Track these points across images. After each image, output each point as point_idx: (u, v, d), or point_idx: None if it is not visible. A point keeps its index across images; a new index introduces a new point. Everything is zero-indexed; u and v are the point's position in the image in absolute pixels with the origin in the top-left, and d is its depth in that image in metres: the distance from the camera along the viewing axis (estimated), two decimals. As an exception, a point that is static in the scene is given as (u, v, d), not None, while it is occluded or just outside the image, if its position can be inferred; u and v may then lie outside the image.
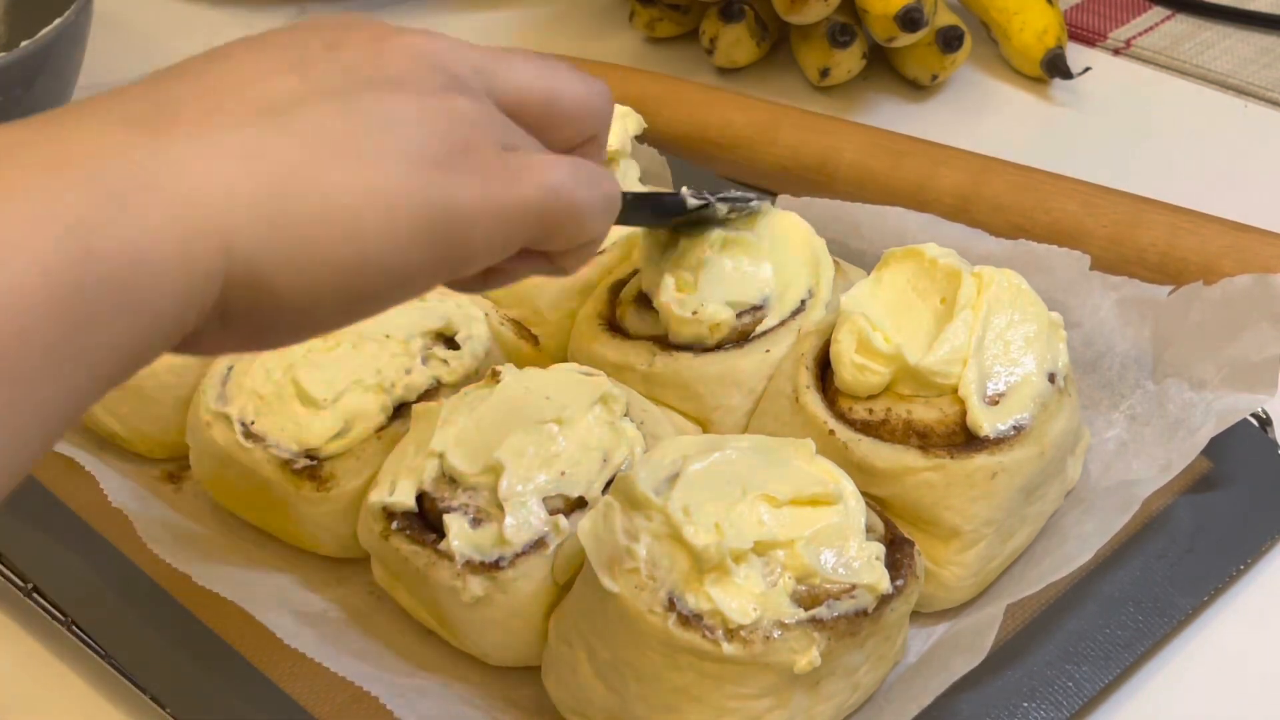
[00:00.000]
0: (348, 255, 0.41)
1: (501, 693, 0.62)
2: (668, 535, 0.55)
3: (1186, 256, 0.78)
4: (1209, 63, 1.01)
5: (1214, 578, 0.64)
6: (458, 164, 0.43)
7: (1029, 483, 0.63)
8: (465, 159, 0.44)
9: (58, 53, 0.86)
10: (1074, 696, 0.60)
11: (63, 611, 0.65)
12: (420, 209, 0.42)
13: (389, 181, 0.42)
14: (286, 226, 0.40)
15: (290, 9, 1.14)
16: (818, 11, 0.94)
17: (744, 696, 0.55)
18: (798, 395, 0.65)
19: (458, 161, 0.44)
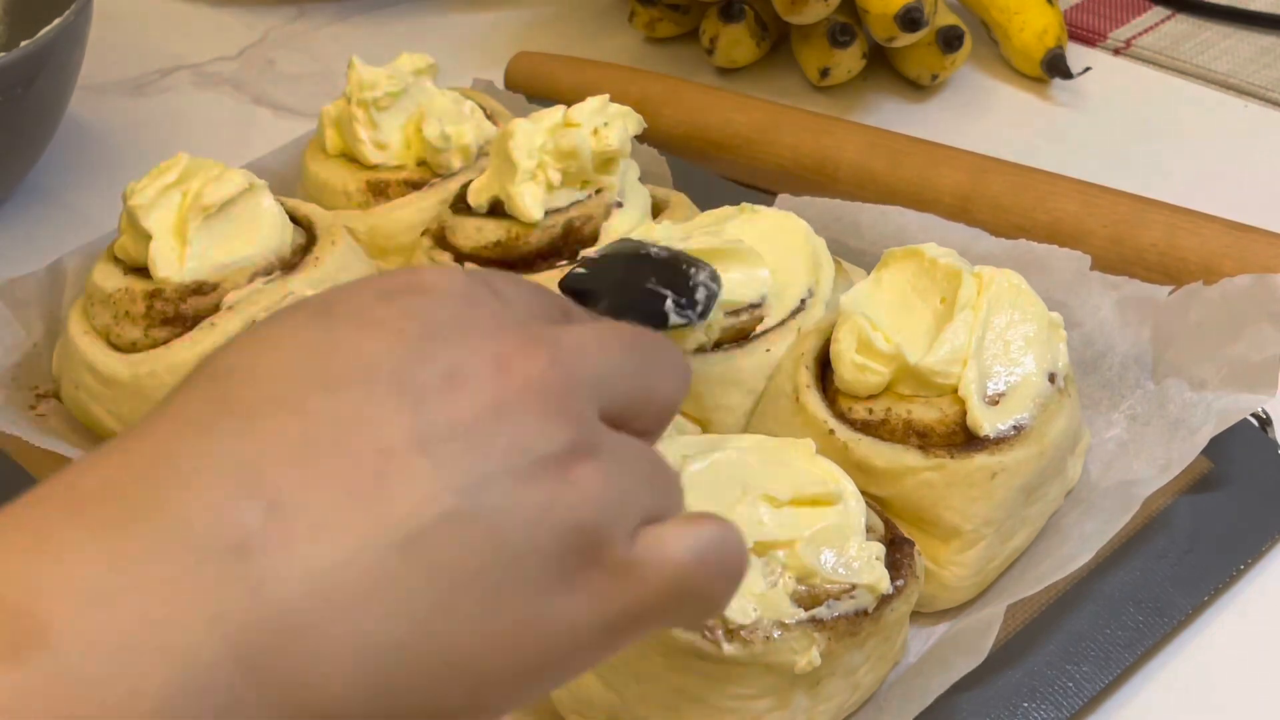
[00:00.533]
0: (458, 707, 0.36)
1: (501, 693, 0.62)
2: (668, 535, 0.55)
3: (1186, 256, 0.78)
4: (1209, 63, 1.01)
5: (1214, 578, 0.64)
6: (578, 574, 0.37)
7: (1029, 483, 0.63)
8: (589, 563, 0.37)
9: (57, 52, 0.86)
10: (1074, 696, 0.60)
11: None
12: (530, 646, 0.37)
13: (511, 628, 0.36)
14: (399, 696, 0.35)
15: (290, 9, 1.14)
16: (818, 11, 0.94)
17: (744, 697, 0.55)
18: (798, 395, 0.65)
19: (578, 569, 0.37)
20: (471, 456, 0.36)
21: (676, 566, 0.39)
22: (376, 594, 0.34)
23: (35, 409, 0.74)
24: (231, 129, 1.01)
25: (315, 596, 0.34)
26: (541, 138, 0.74)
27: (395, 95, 0.81)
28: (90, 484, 0.35)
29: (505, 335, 0.39)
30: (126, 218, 0.73)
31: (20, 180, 0.93)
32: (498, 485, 0.36)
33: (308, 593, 0.34)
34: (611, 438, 0.40)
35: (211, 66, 1.08)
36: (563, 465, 0.37)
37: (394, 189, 0.80)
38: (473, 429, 0.37)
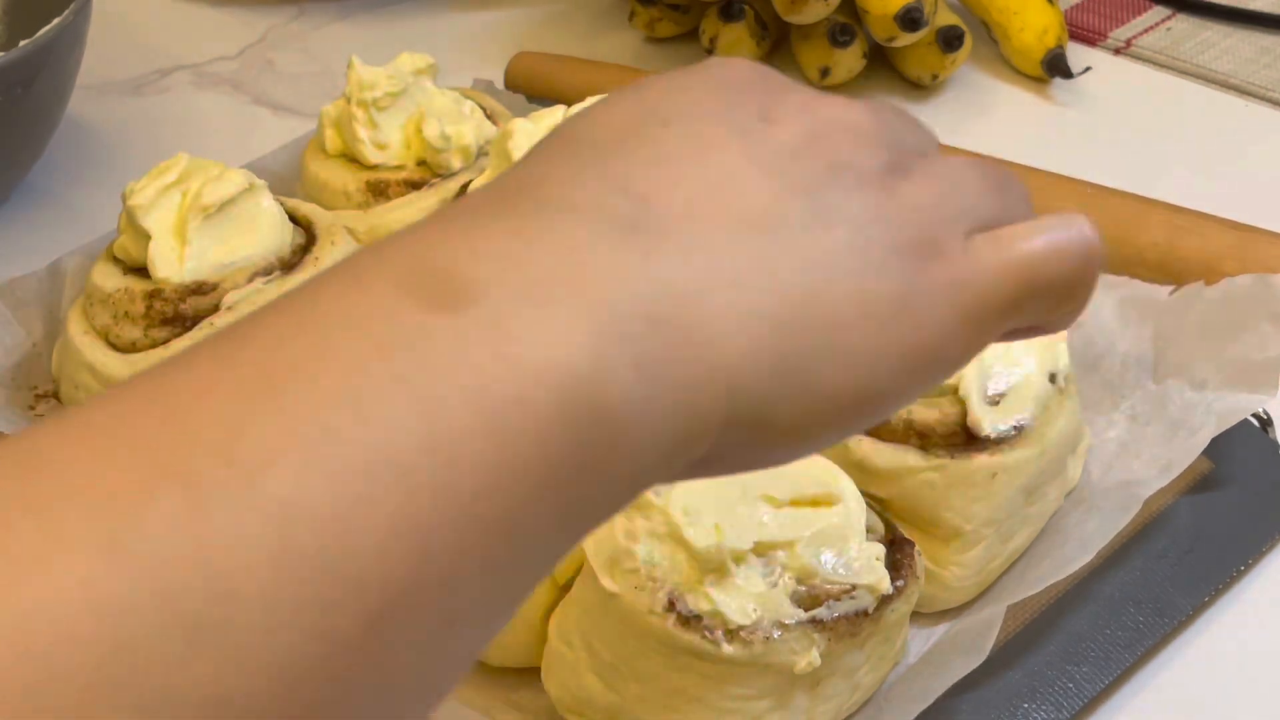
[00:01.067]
0: (848, 386, 0.37)
1: (501, 693, 0.62)
2: (668, 536, 0.55)
3: (1187, 256, 0.78)
4: (1210, 62, 1.01)
5: (1215, 578, 0.64)
6: (927, 266, 0.39)
7: (1029, 483, 0.63)
8: (933, 258, 0.39)
9: (57, 52, 0.86)
10: (1074, 697, 0.60)
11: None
12: (907, 326, 0.38)
13: (877, 299, 0.37)
14: (791, 358, 0.36)
15: (289, 9, 1.14)
16: (818, 11, 0.94)
17: (744, 697, 0.55)
18: (798, 395, 0.65)
19: (927, 263, 0.39)
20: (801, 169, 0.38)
21: (1025, 254, 0.41)
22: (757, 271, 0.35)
23: (34, 409, 0.74)
24: (231, 129, 1.01)
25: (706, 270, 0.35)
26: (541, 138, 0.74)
27: (395, 95, 0.81)
28: (475, 200, 0.36)
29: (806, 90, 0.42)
30: (126, 218, 0.73)
31: (20, 180, 0.93)
32: (831, 192, 0.38)
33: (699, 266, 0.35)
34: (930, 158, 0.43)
35: (211, 66, 1.08)
36: (895, 180, 0.40)
37: (394, 189, 0.80)
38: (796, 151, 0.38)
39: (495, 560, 0.31)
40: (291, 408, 0.29)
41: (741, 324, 0.35)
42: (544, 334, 0.32)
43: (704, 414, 0.34)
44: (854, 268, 0.37)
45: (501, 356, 0.31)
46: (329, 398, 0.30)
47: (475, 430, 0.30)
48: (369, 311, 0.31)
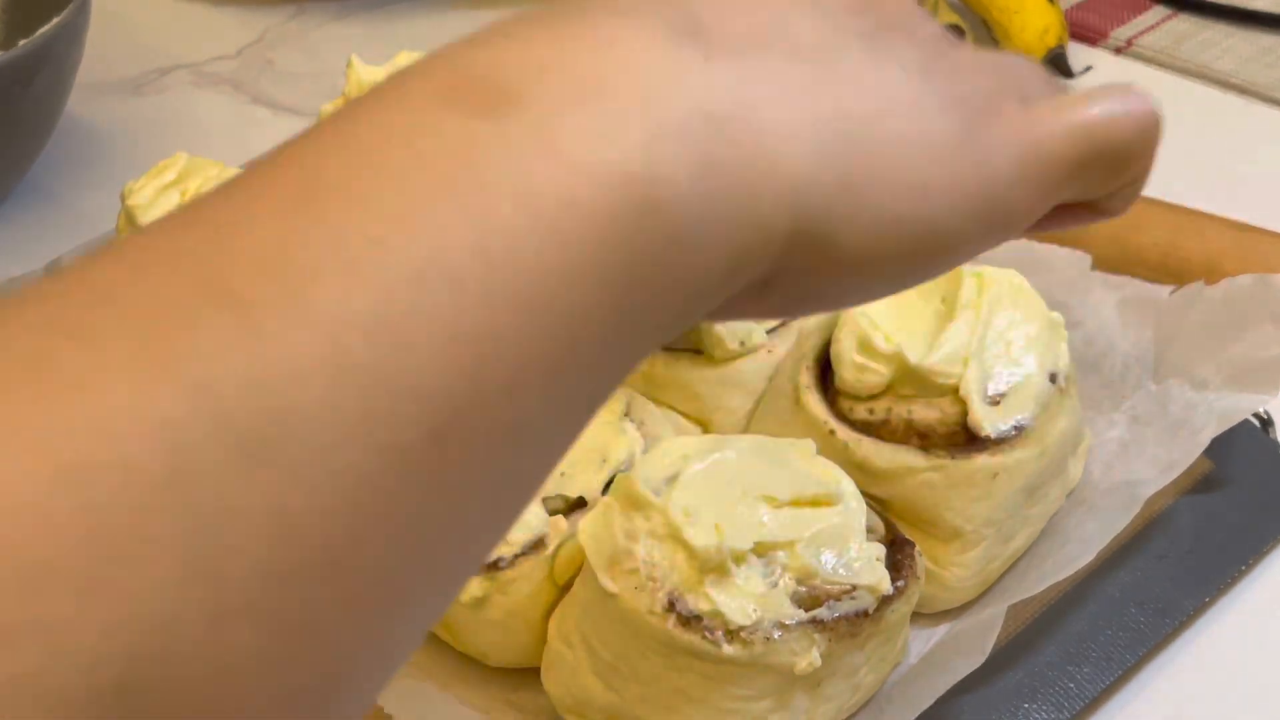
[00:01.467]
0: (912, 214, 0.36)
1: (501, 694, 0.62)
2: (667, 536, 0.55)
3: (1188, 256, 0.78)
4: (1211, 62, 1.01)
5: (1216, 578, 0.64)
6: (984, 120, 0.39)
7: (1030, 483, 0.63)
8: (990, 114, 0.39)
9: (56, 52, 0.85)
10: (1075, 698, 0.60)
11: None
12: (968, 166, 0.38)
13: (939, 135, 0.37)
14: (855, 178, 0.35)
15: (288, 8, 1.13)
16: (818, 11, 0.94)
17: (744, 698, 0.55)
18: (798, 395, 0.65)
19: (984, 117, 0.39)
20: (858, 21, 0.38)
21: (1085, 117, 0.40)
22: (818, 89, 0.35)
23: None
24: (230, 128, 1.01)
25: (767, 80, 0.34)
26: None
27: (395, 94, 0.81)
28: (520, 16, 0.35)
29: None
30: (125, 217, 0.73)
31: (19, 180, 0.93)
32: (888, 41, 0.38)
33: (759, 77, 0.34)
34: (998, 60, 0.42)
35: (210, 66, 1.07)
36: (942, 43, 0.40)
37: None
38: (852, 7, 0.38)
39: (556, 368, 0.30)
40: (336, 222, 0.28)
41: (807, 132, 0.34)
42: (593, 133, 0.31)
43: (766, 224, 0.33)
44: (912, 105, 0.37)
45: (549, 158, 0.30)
46: (373, 210, 0.29)
47: (526, 233, 0.29)
48: (411, 123, 0.31)
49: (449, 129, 0.30)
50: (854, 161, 0.35)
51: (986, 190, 0.38)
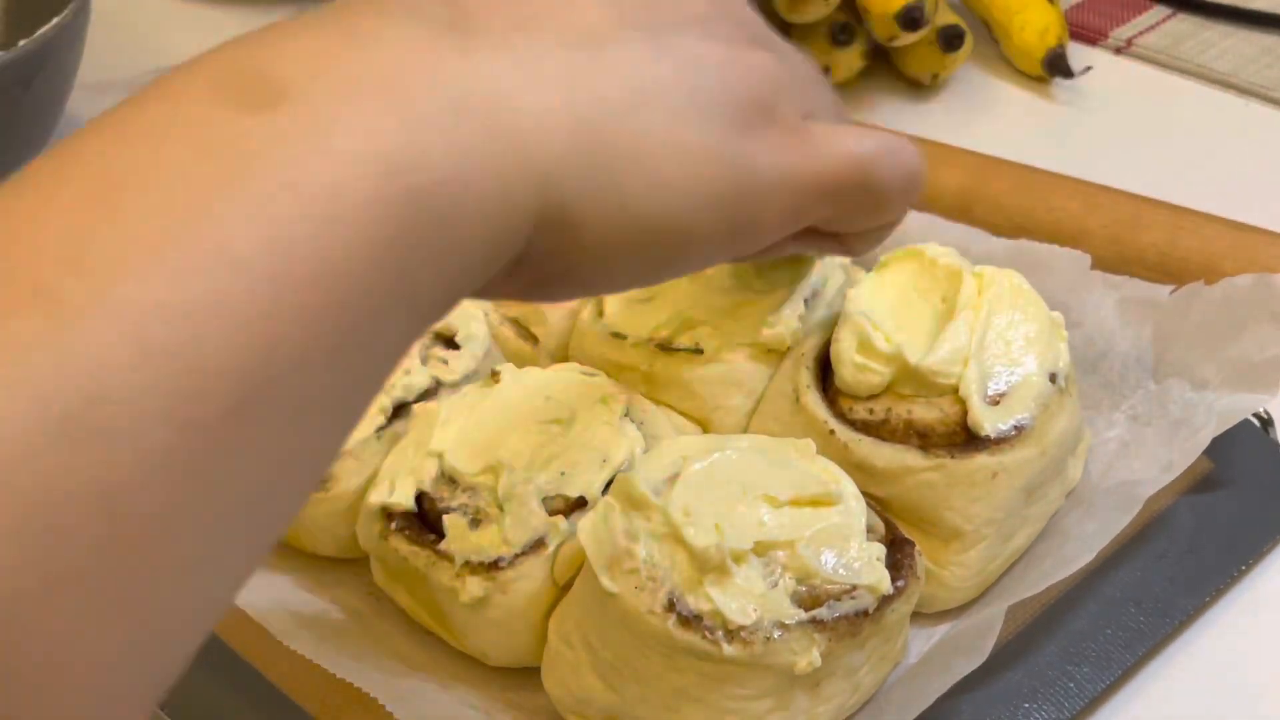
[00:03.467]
0: (652, 208, 0.38)
1: (501, 693, 0.62)
2: (668, 535, 0.55)
3: (1187, 256, 0.78)
4: (1210, 62, 1.01)
5: (1215, 578, 0.64)
6: (758, 126, 0.41)
7: (1030, 483, 0.63)
8: (766, 122, 0.41)
9: (56, 52, 0.85)
10: (1075, 697, 0.60)
11: (61, 612, 0.65)
12: (722, 170, 0.40)
13: (696, 136, 0.39)
14: (601, 167, 0.37)
15: (289, 9, 1.13)
16: (818, 11, 0.94)
17: (744, 697, 0.55)
18: (798, 395, 0.65)
19: (758, 124, 0.41)
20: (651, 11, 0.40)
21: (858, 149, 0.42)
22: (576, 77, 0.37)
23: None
24: (231, 128, 1.01)
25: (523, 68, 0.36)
26: None
27: (395, 95, 0.81)
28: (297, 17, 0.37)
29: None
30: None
31: (19, 180, 0.93)
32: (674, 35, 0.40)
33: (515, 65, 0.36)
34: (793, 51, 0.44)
35: (211, 66, 1.07)
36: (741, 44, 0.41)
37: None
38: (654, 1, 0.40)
39: (340, 345, 0.32)
40: (130, 215, 0.31)
41: (555, 119, 0.36)
42: (357, 126, 0.33)
43: (519, 205, 0.36)
44: (676, 102, 0.39)
45: (317, 150, 0.33)
46: (163, 204, 0.31)
47: (302, 221, 0.32)
48: (190, 118, 0.33)
49: (225, 123, 0.33)
50: (602, 151, 0.37)
51: (738, 197, 0.40)
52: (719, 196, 0.39)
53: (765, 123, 0.41)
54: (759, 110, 0.40)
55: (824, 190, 0.42)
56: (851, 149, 0.42)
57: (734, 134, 0.40)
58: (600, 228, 0.38)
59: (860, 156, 0.43)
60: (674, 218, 0.39)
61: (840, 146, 0.42)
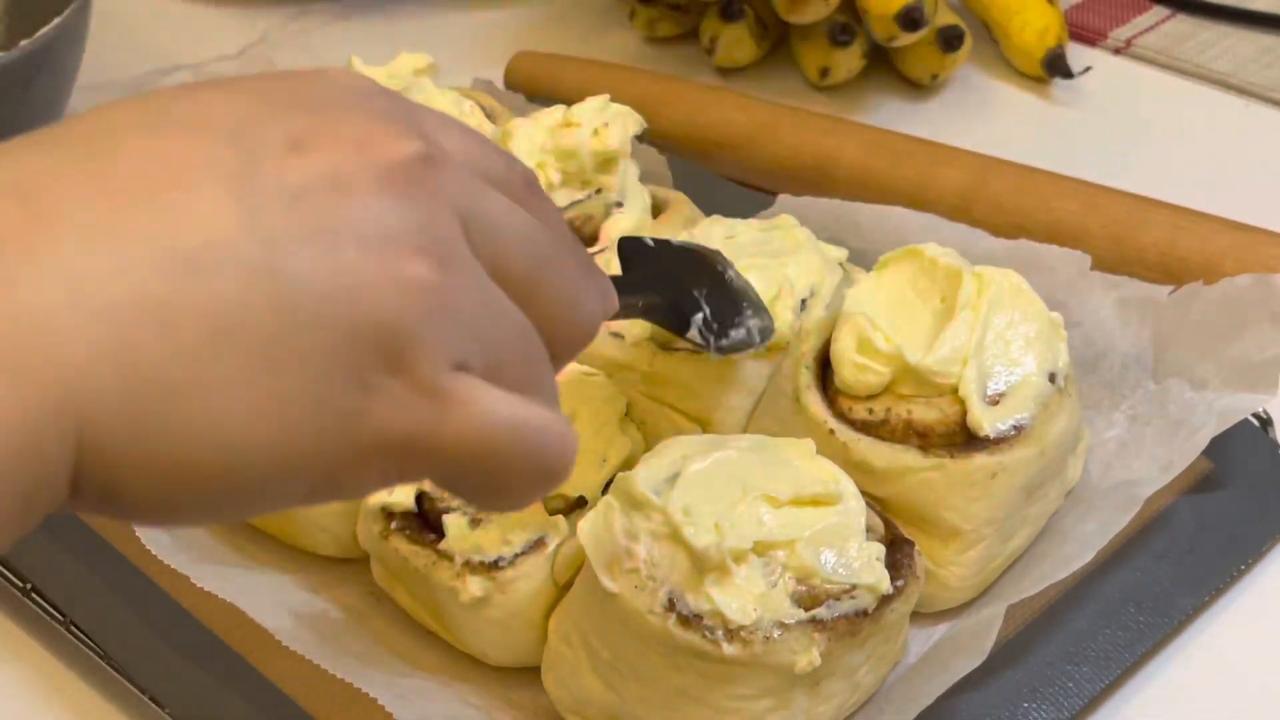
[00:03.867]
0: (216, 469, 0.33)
1: (501, 693, 0.62)
2: (667, 535, 0.55)
3: (1187, 256, 0.78)
4: (1210, 62, 1.01)
5: (1215, 578, 0.64)
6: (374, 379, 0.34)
7: (1029, 483, 0.63)
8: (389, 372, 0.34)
9: (56, 52, 0.86)
10: (1075, 697, 0.60)
11: (61, 611, 0.65)
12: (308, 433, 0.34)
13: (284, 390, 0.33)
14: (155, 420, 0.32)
15: (289, 8, 1.14)
16: (818, 11, 0.94)
17: (744, 697, 0.55)
18: (798, 395, 0.65)
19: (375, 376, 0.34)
20: (289, 215, 0.33)
21: (489, 423, 0.36)
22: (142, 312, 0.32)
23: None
24: (231, 129, 1.01)
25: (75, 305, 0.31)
26: (541, 137, 0.74)
27: (395, 95, 0.81)
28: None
29: (386, 122, 0.36)
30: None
31: (20, 180, 0.93)
32: (307, 251, 0.33)
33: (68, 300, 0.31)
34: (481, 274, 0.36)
35: (211, 66, 1.07)
36: (396, 252, 0.34)
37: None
38: (302, 192, 0.34)
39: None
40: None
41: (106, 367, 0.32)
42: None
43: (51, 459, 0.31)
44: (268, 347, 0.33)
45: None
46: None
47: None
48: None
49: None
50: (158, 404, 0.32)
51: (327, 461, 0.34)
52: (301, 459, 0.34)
53: (388, 373, 0.34)
54: (382, 358, 0.34)
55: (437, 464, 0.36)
56: (484, 428, 0.35)
57: (337, 389, 0.33)
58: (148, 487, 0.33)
59: (492, 440, 0.36)
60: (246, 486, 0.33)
61: (474, 421, 0.35)
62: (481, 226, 0.37)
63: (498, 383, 0.37)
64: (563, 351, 0.40)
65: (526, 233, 0.38)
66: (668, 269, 0.62)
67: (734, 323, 0.62)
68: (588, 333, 0.41)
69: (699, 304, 0.61)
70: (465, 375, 0.36)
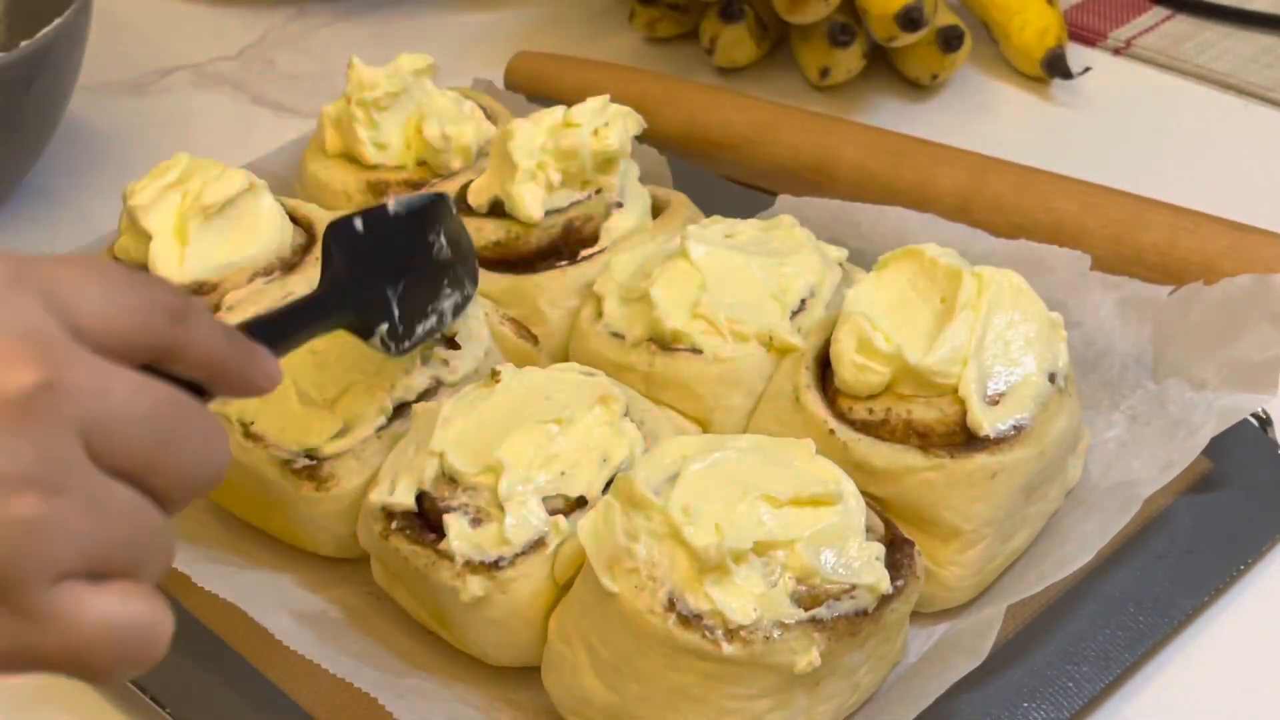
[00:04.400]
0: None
1: (501, 693, 0.62)
2: (668, 535, 0.55)
3: (1186, 256, 0.78)
4: (1209, 63, 1.01)
5: (1214, 578, 0.64)
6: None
7: (1029, 483, 0.63)
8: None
9: (57, 53, 0.86)
10: (1074, 697, 0.60)
11: (62, 612, 0.65)
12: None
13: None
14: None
15: (289, 9, 1.14)
16: (818, 11, 0.94)
17: (744, 697, 0.55)
18: (798, 395, 0.65)
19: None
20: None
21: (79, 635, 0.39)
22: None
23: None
24: (231, 129, 1.01)
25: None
26: (542, 138, 0.74)
27: (395, 95, 0.81)
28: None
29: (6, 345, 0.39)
30: (126, 218, 0.73)
31: (20, 180, 0.93)
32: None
33: None
34: (92, 483, 0.40)
35: (211, 66, 1.08)
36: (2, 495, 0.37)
37: (394, 189, 0.80)
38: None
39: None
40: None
41: None
42: None
43: None
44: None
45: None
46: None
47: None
48: None
49: None
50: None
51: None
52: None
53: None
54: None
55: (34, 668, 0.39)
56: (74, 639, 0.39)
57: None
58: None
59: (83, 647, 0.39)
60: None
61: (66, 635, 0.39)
62: (101, 432, 0.40)
63: (105, 570, 0.40)
64: (186, 498, 0.43)
65: (147, 417, 0.42)
66: (371, 259, 0.63)
67: (427, 312, 0.64)
68: (209, 485, 0.44)
69: (388, 308, 0.62)
70: (66, 586, 0.39)
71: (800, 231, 0.72)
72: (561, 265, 0.74)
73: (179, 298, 0.44)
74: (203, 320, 0.45)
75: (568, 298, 0.73)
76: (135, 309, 0.43)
